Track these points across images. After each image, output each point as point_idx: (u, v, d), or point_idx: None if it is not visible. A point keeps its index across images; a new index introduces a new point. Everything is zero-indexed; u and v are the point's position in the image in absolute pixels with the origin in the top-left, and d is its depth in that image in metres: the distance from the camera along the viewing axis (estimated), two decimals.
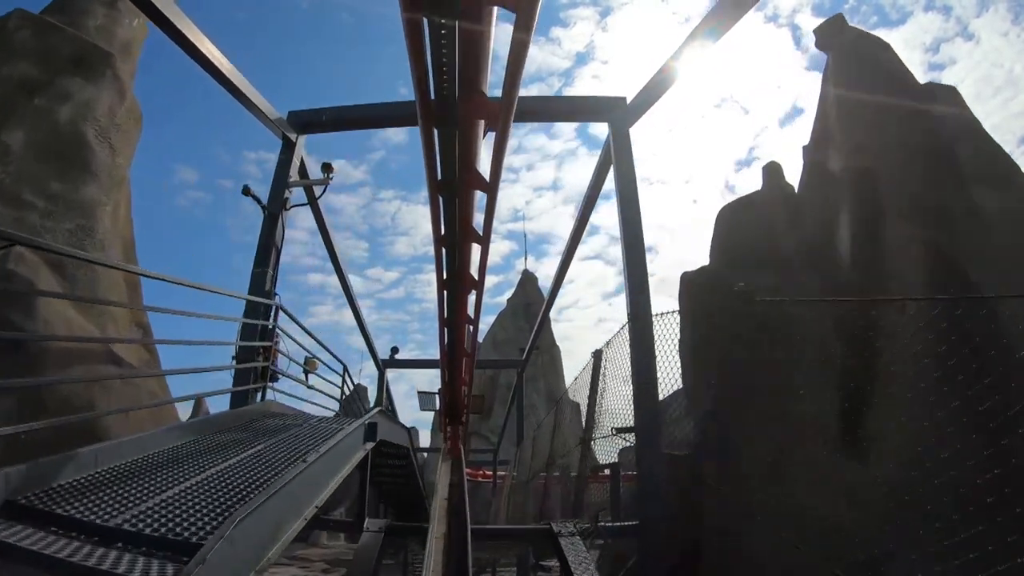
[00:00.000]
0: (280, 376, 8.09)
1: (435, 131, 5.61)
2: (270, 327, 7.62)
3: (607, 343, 8.05)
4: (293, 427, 6.48)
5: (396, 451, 10.24)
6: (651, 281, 8.12)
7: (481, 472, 34.64)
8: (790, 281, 11.66)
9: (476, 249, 10.06)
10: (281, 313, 8.04)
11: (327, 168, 8.87)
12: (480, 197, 8.60)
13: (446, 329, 15.38)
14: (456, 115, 5.16)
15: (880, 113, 18.65)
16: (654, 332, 7.43)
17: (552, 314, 55.61)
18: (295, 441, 5.84)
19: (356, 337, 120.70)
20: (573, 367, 51.57)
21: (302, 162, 9.45)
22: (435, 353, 15.70)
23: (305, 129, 9.38)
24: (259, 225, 8.60)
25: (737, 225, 13.44)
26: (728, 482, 8.99)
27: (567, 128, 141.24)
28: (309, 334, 8.93)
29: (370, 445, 6.54)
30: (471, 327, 15.18)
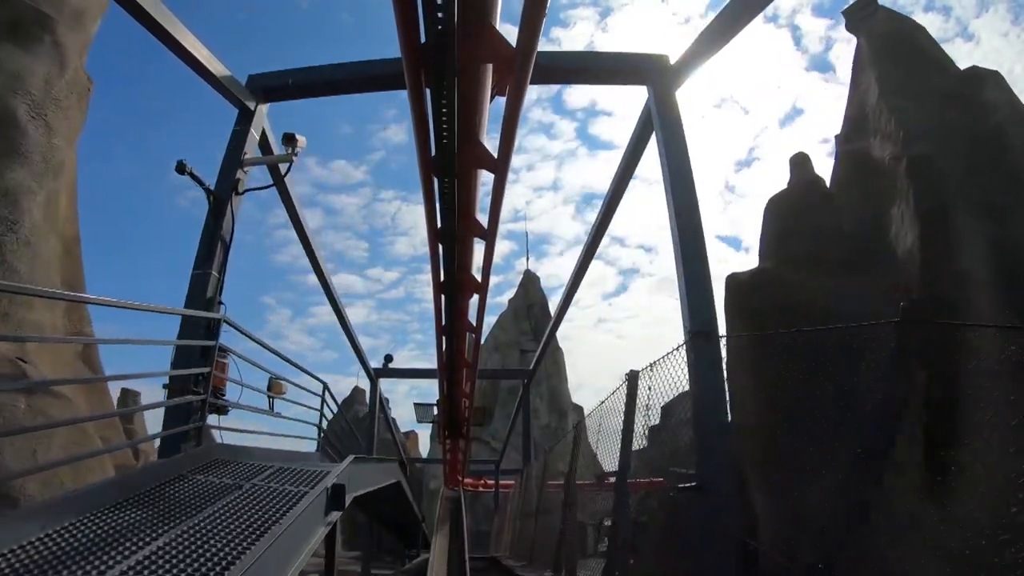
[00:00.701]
0: (229, 409, 6.28)
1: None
2: (214, 347, 5.79)
3: (651, 364, 6.21)
4: (230, 490, 4.68)
5: (383, 492, 8.46)
6: (651, 281, 6.60)
7: (482, 481, 32.81)
8: (850, 283, 9.89)
9: (478, 252, 8.40)
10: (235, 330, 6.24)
11: (290, 141, 7.03)
12: (485, 179, 6.89)
13: (444, 337, 13.54)
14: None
15: (928, 98, 16.82)
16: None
17: (552, 313, 53.92)
18: (226, 519, 4.03)
19: (362, 336, 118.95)
20: (571, 366, 49.72)
21: (264, 137, 7.64)
22: (434, 356, 13.90)
23: (269, 96, 7.57)
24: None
25: (787, 220, 11.76)
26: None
27: (567, 128, 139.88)
28: (271, 350, 7.12)
29: (336, 515, 4.72)
30: (472, 335, 13.31)
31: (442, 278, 9.37)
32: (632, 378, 7.28)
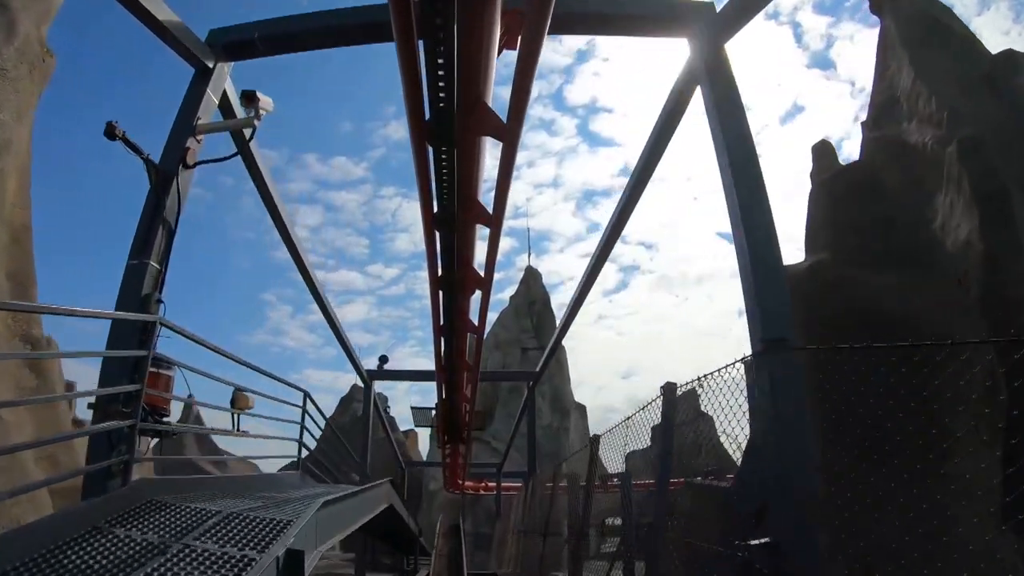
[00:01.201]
0: (175, 433, 5.06)
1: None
2: (146, 357, 4.54)
3: (701, 380, 4.94)
4: (151, 554, 3.46)
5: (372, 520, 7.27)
6: (651, 278, 5.61)
7: (483, 484, 31.60)
8: (909, 280, 8.62)
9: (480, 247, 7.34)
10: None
11: (251, 100, 5.70)
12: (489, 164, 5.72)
13: (442, 338, 12.29)
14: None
15: (966, 80, 15.60)
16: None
17: (554, 310, 52.62)
18: None
19: (358, 334, 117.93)
20: (571, 364, 48.39)
21: (228, 101, 6.35)
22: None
23: (232, 53, 6.27)
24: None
25: (835, 209, 10.52)
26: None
27: (568, 125, 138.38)
28: (231, 358, 5.88)
29: None
30: (474, 335, 12.04)
31: (440, 272, 8.15)
32: (669, 391, 6.07)
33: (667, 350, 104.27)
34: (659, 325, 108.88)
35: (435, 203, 6.48)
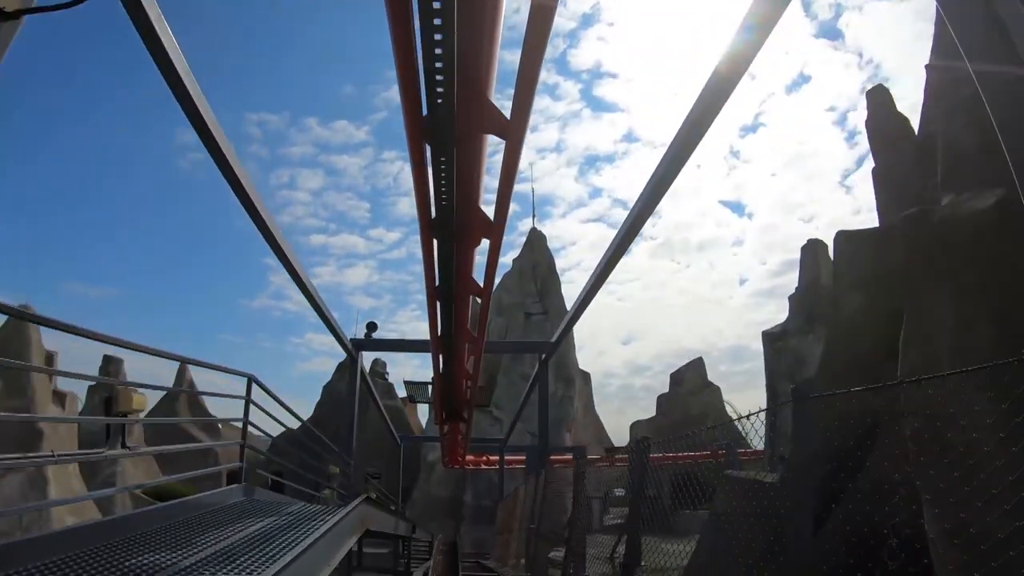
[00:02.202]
0: None
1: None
2: None
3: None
4: None
5: None
6: (652, 245, 6.29)
7: (484, 458, 29.85)
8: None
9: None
10: None
11: None
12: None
13: (438, 302, 9.97)
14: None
15: None
16: None
17: (559, 274, 50.46)
18: None
19: (360, 297, 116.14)
20: (574, 329, 46.61)
21: None
22: None
23: None
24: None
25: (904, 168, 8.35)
26: None
27: (572, 90, 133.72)
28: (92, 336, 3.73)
29: None
30: (479, 299, 9.64)
31: (433, 212, 5.95)
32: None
33: (667, 316, 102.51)
34: (660, 291, 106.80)
35: (424, 105, 4.35)
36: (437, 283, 8.17)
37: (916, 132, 10.12)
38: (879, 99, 15.10)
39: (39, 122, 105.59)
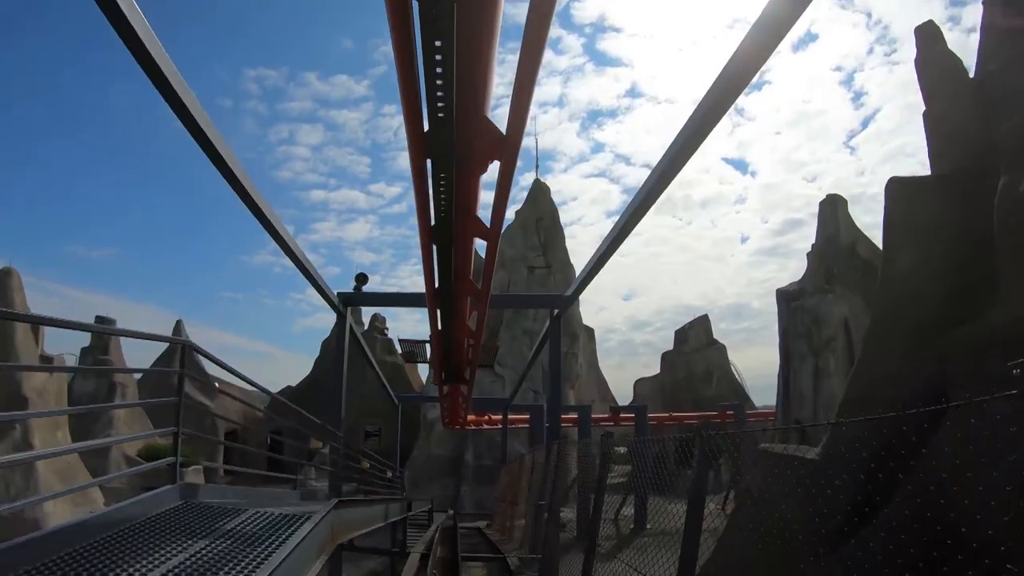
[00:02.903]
0: None
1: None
2: None
3: None
4: None
5: None
6: (641, 338, 6.43)
7: (486, 417, 28.73)
8: None
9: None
10: None
11: None
12: None
13: (435, 245, 8.30)
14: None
15: None
16: None
17: (563, 226, 48.69)
18: None
19: (361, 252, 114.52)
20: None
21: None
22: None
23: None
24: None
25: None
26: None
27: (575, 44, 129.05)
28: None
29: None
30: (486, 240, 7.90)
31: (426, 126, 4.55)
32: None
33: (668, 273, 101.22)
34: (661, 247, 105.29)
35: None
36: (433, 223, 6.78)
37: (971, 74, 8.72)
38: (929, 36, 13.22)
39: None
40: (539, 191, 48.13)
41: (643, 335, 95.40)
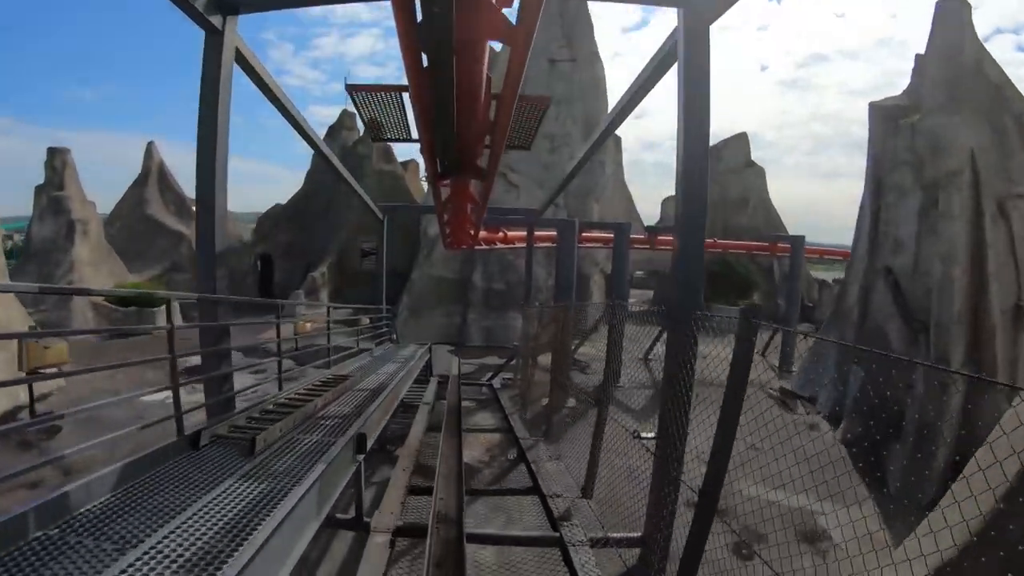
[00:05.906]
0: None
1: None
2: None
3: None
4: None
5: None
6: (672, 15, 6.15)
7: (500, 234, 23.53)
8: None
9: None
10: None
11: None
12: None
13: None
14: None
15: None
16: None
17: (590, 14, 40.00)
18: None
19: (364, 67, 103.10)
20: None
21: None
22: None
23: None
24: None
25: None
26: None
27: None
28: None
29: None
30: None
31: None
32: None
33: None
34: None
35: None
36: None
37: None
38: None
39: None
40: None
41: (654, 155, 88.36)
